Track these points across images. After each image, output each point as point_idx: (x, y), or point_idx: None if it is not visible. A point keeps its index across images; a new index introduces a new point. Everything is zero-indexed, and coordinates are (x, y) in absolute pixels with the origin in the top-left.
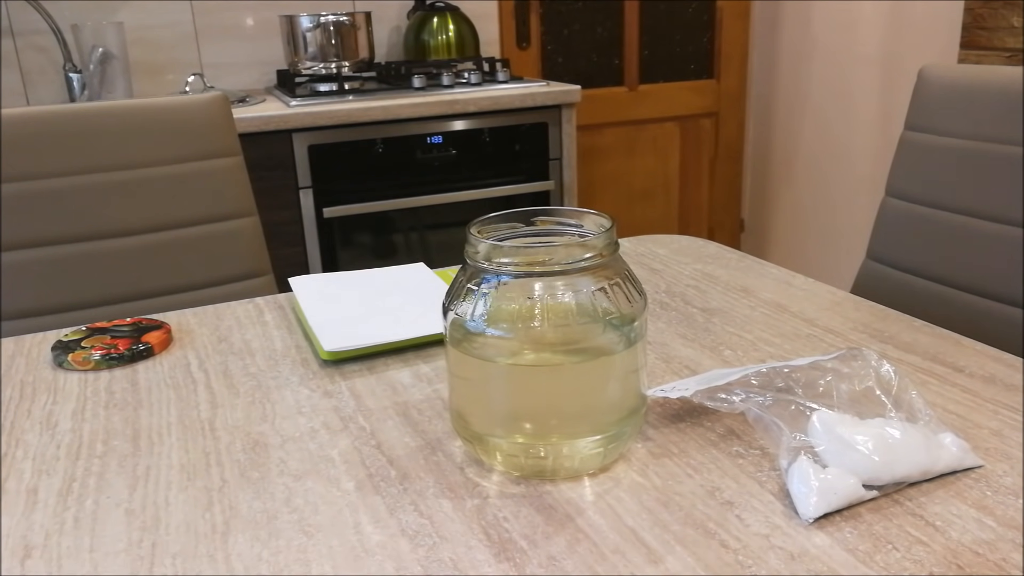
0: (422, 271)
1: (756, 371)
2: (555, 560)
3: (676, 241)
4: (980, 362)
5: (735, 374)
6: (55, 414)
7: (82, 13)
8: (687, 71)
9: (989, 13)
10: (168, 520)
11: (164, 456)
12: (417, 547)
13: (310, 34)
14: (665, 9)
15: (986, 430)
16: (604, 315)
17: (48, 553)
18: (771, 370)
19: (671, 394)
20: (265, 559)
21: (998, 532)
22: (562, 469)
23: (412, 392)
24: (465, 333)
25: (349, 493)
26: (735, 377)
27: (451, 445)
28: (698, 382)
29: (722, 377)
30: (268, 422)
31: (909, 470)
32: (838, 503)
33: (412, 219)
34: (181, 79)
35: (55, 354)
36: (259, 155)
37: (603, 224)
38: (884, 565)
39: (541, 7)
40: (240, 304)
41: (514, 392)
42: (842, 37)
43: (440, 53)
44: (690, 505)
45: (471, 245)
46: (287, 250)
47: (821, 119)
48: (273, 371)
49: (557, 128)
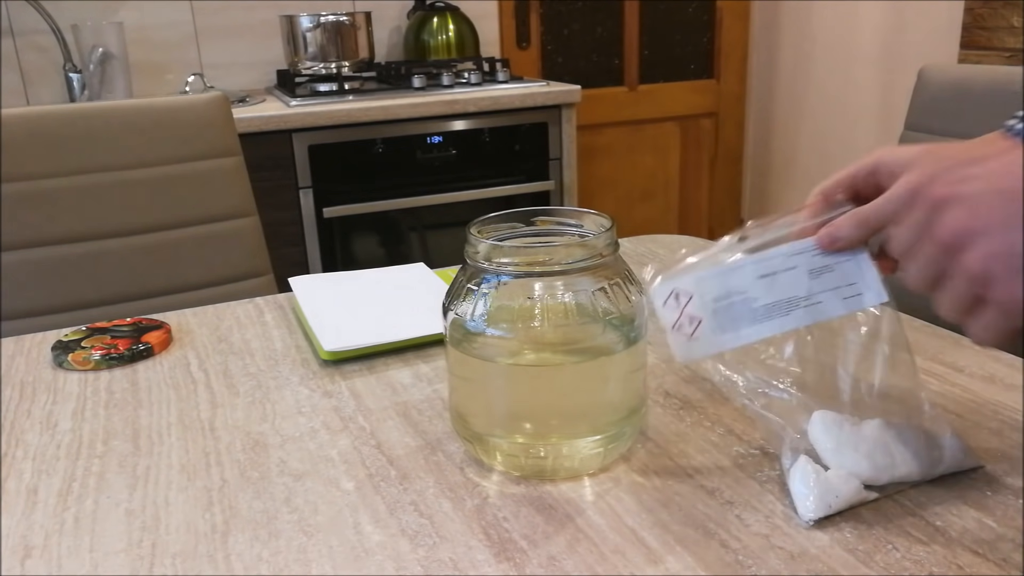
0: (422, 271)
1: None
2: (555, 560)
3: (676, 241)
4: (980, 362)
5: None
6: (55, 414)
7: (82, 13)
8: (687, 71)
9: (989, 13)
10: (168, 520)
11: (164, 456)
12: (417, 547)
13: (310, 34)
14: (665, 9)
15: (986, 430)
16: (604, 315)
17: (48, 553)
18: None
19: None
20: (265, 559)
21: (998, 532)
22: (562, 469)
23: (412, 392)
24: (465, 333)
25: (349, 493)
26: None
27: (451, 445)
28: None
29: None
30: (268, 422)
31: (909, 471)
32: (838, 505)
33: (412, 219)
34: (181, 79)
35: (55, 354)
36: (259, 155)
37: (603, 224)
38: (884, 565)
39: (541, 7)
40: (240, 304)
41: (514, 392)
42: (842, 37)
43: (440, 53)
44: (690, 505)
45: (471, 245)
46: (287, 250)
47: (821, 119)
48: (273, 371)
49: (557, 128)
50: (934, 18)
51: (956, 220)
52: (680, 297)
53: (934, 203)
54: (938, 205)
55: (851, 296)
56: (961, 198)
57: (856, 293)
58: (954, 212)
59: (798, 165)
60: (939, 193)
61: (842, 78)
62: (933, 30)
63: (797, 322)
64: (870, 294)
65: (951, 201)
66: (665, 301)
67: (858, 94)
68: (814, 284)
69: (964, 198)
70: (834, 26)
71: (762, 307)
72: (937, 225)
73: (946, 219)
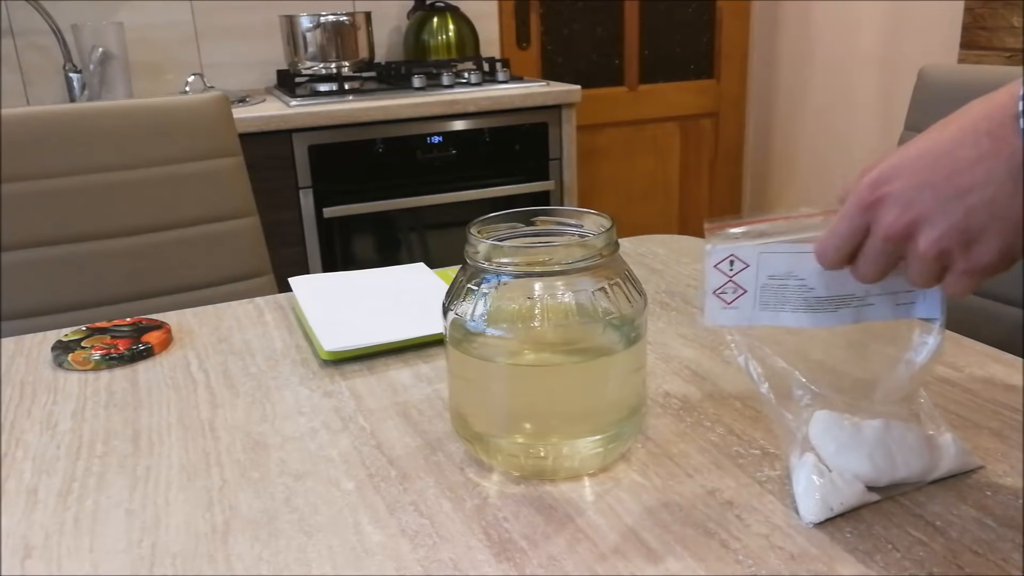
0: (422, 271)
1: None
2: (555, 560)
3: (676, 241)
4: (980, 362)
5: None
6: (55, 414)
7: (82, 13)
8: (687, 71)
9: (989, 13)
10: (168, 520)
11: (164, 456)
12: (417, 547)
13: (310, 34)
14: (665, 9)
15: (986, 430)
16: (604, 315)
17: (48, 553)
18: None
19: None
20: (265, 559)
21: (998, 532)
22: (562, 469)
23: (412, 392)
24: (465, 333)
25: (349, 493)
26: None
27: (451, 445)
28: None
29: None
30: (268, 422)
31: (910, 473)
32: (840, 509)
33: (412, 219)
34: (181, 79)
35: (55, 354)
36: (259, 155)
37: (603, 224)
38: (884, 565)
39: (541, 7)
40: (240, 304)
41: (514, 392)
42: (842, 37)
43: (440, 53)
44: (690, 505)
45: (471, 245)
46: (287, 250)
47: (821, 119)
48: (273, 371)
49: (557, 128)
50: (934, 18)
51: (895, 219)
52: (735, 264)
53: (866, 207)
54: (871, 207)
55: (904, 304)
56: (891, 197)
57: (910, 301)
58: (889, 212)
59: (798, 165)
60: (869, 198)
61: (842, 78)
62: (933, 30)
63: (840, 320)
64: (924, 306)
65: (883, 201)
66: (718, 263)
67: (858, 94)
68: (874, 285)
69: (893, 196)
70: (834, 26)
71: (813, 298)
72: (881, 228)
73: (887, 220)
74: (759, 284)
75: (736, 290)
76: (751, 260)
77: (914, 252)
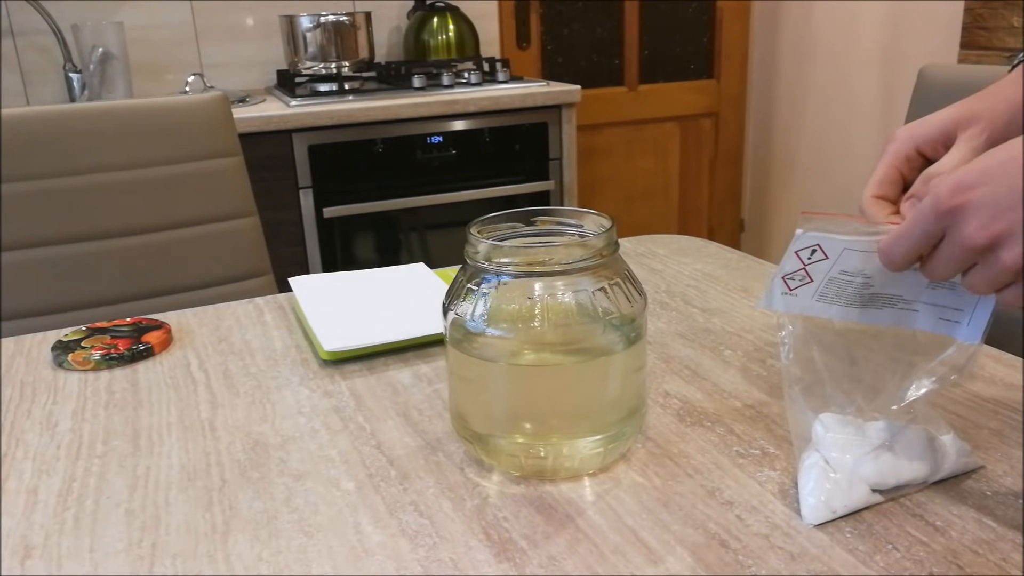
0: (422, 271)
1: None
2: (555, 560)
3: (676, 241)
4: (980, 362)
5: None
6: (55, 414)
7: (82, 13)
8: (687, 71)
9: (989, 13)
10: (168, 520)
11: (164, 456)
12: (417, 547)
13: (310, 34)
14: (665, 9)
15: (986, 430)
16: (604, 315)
17: (48, 553)
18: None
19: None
20: (265, 559)
21: (998, 532)
22: (562, 469)
23: (412, 392)
24: (465, 333)
25: (349, 493)
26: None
27: (451, 445)
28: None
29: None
30: (268, 422)
31: (914, 476)
32: (844, 510)
33: (412, 219)
34: (181, 79)
35: (55, 354)
36: (259, 155)
37: (603, 224)
38: (884, 565)
39: (541, 7)
40: (240, 304)
41: (514, 392)
42: (842, 37)
43: (440, 53)
44: (690, 505)
45: (471, 245)
46: (287, 250)
47: (821, 119)
48: (273, 371)
49: (557, 128)
50: (934, 18)
51: (977, 229)
52: (816, 253)
53: (946, 212)
54: (950, 213)
55: (948, 320)
56: (973, 204)
57: (955, 320)
58: (972, 220)
59: (798, 165)
60: (949, 203)
61: (842, 78)
62: (933, 30)
63: (880, 320)
64: (966, 329)
65: (964, 208)
66: (800, 249)
67: (858, 94)
68: (926, 293)
69: (975, 203)
70: (834, 26)
71: (868, 295)
72: (961, 236)
73: (968, 230)
74: (828, 277)
75: (804, 279)
76: (833, 252)
77: (994, 263)
